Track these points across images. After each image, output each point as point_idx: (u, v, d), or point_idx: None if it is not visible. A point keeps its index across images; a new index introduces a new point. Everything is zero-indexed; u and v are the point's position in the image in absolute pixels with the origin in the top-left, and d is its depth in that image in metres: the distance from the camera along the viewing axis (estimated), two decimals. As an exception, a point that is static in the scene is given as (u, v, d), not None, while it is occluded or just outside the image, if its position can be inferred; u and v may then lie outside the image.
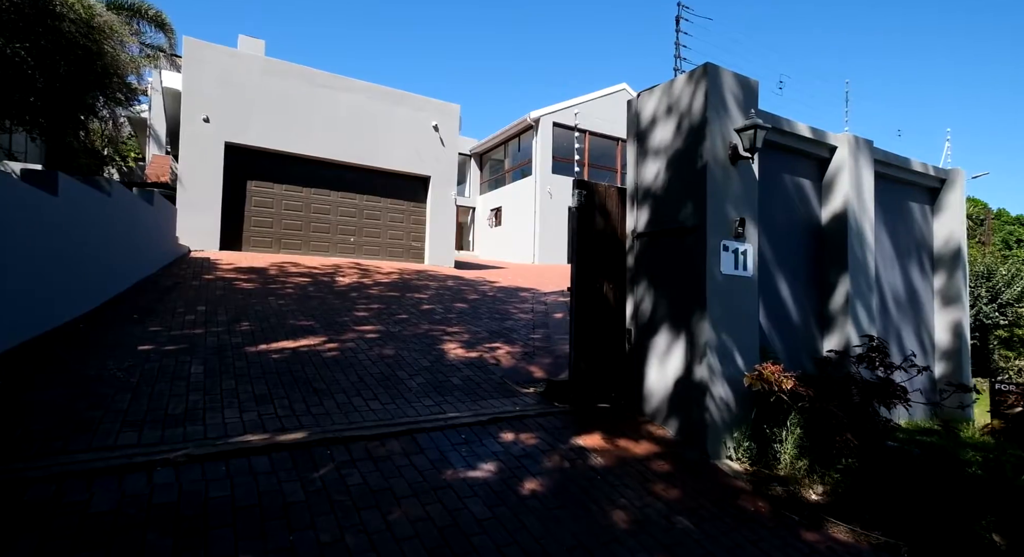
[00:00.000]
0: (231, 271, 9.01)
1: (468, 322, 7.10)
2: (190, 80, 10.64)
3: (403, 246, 13.63)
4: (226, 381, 4.09)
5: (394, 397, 4.16)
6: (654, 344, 4.14)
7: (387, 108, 13.13)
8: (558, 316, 7.95)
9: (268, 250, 11.74)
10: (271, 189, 11.85)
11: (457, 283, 10.71)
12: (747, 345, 3.92)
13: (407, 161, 13.38)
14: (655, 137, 4.27)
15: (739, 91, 3.97)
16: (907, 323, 5.97)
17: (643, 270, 4.32)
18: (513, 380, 4.93)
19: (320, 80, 12.25)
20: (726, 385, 3.75)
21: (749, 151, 3.78)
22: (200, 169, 10.68)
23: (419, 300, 8.35)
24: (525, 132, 21.27)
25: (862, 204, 5.15)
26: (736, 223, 3.89)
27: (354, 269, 10.92)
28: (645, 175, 4.36)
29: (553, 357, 5.70)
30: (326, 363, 4.79)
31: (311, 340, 5.48)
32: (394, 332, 6.17)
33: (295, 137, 11.87)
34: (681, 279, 3.94)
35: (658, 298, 4.13)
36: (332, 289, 8.49)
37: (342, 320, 6.50)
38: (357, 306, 7.42)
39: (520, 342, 6.24)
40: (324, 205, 12.53)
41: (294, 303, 7.17)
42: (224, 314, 6.18)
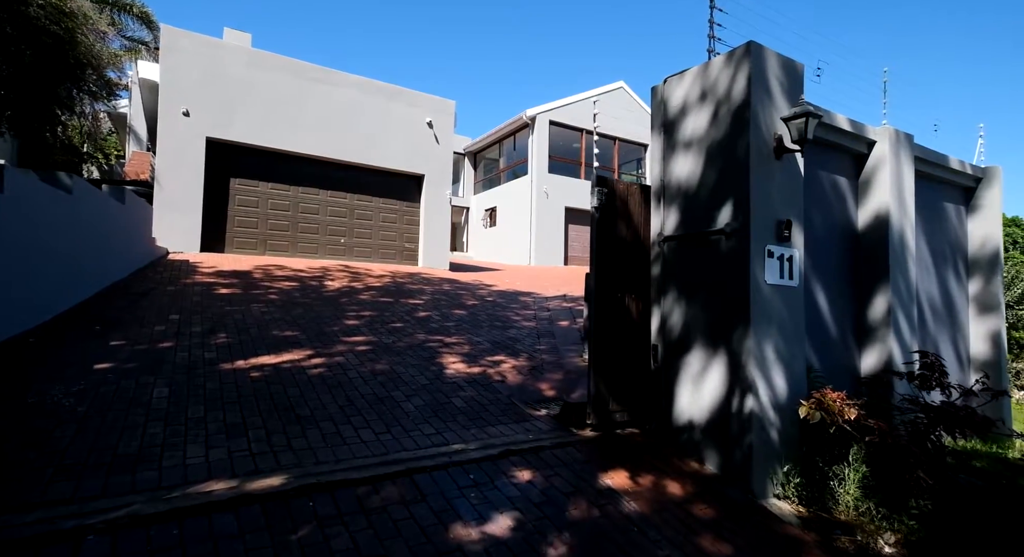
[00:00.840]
0: (211, 275, 8.40)
1: (468, 331, 6.57)
2: (168, 71, 10.00)
3: (396, 247, 13.06)
4: (193, 407, 3.53)
5: (389, 424, 3.62)
6: (686, 363, 3.64)
7: (380, 104, 12.55)
8: (563, 324, 7.44)
9: (253, 252, 11.12)
10: (256, 187, 11.24)
11: (453, 287, 10.17)
12: (795, 366, 3.43)
13: (400, 159, 12.81)
14: (686, 127, 3.77)
15: (783, 75, 3.48)
16: (943, 333, 5.53)
17: (672, 279, 3.81)
18: (522, 400, 4.41)
19: (309, 74, 11.65)
20: (773, 412, 3.26)
21: (797, 143, 3.29)
22: (179, 166, 10.04)
23: (414, 306, 7.81)
24: (521, 130, 20.76)
25: (903, 205, 4.69)
26: (783, 226, 3.40)
27: (344, 272, 10.34)
28: (674, 171, 3.86)
29: (563, 372, 5.19)
30: (311, 382, 4.24)
31: (295, 354, 4.92)
32: (388, 343, 5.63)
33: (282, 133, 11.26)
34: (718, 290, 3.45)
35: (690, 311, 3.63)
36: (320, 295, 7.91)
37: (330, 330, 5.94)
38: (347, 314, 6.86)
39: (526, 354, 5.72)
40: (313, 204, 11.94)
41: (278, 310, 6.60)
42: (200, 324, 5.60)
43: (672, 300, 3.79)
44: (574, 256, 20.86)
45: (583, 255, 21.09)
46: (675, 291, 3.78)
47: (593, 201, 3.88)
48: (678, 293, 3.75)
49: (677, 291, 3.76)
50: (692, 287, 3.65)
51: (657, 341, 3.91)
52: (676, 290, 3.77)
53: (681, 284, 3.74)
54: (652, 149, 4.06)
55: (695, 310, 3.60)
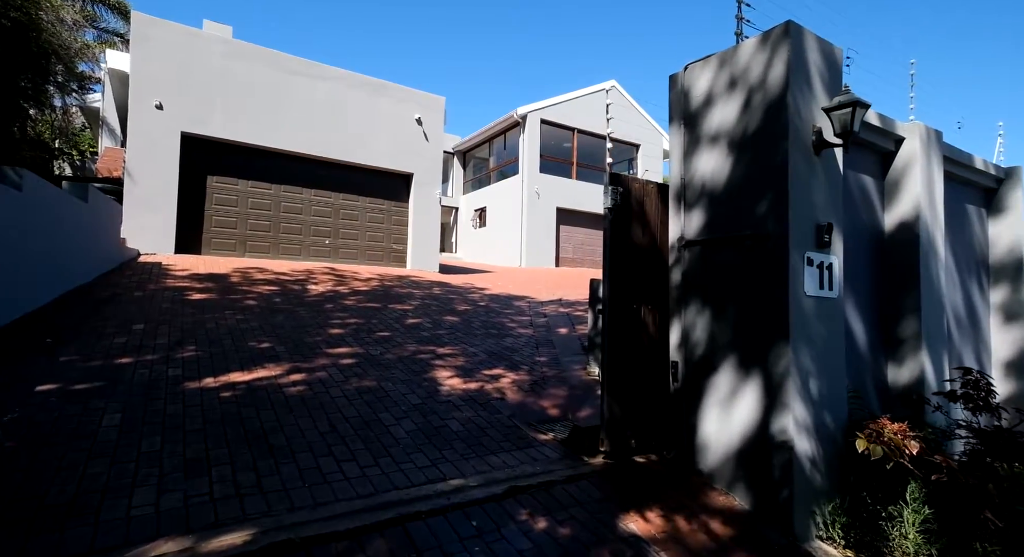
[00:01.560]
0: (184, 279, 7.84)
1: (461, 340, 6.13)
2: (139, 61, 9.39)
3: (383, 249, 12.55)
4: (149, 439, 3.04)
5: (377, 454, 3.17)
6: (712, 384, 3.25)
7: (366, 99, 12.04)
8: (562, 331, 7.04)
9: (231, 253, 10.54)
10: (235, 185, 10.65)
11: (444, 291, 9.71)
12: (837, 387, 3.06)
13: (388, 156, 12.31)
14: (711, 120, 3.38)
15: (822, 61, 3.11)
16: (967, 345, 5.23)
17: (695, 288, 3.42)
18: (524, 420, 3.99)
19: (291, 66, 11.10)
20: (816, 442, 2.87)
21: (840, 137, 2.92)
22: (152, 162, 9.43)
23: (403, 313, 7.34)
24: (511, 129, 20.35)
25: (934, 209, 4.36)
26: (823, 230, 3.02)
27: (328, 275, 9.82)
28: (698, 168, 3.47)
29: (567, 387, 4.78)
30: (289, 403, 3.77)
31: (272, 369, 4.44)
32: (375, 356, 5.16)
33: (263, 128, 10.70)
34: (750, 302, 3.06)
35: (717, 325, 3.24)
36: (302, 300, 7.41)
37: (312, 340, 5.46)
38: (331, 321, 6.37)
39: (525, 367, 5.30)
40: (295, 204, 11.38)
41: (256, 318, 6.09)
42: (166, 335, 5.08)
43: (695, 312, 3.40)
44: (565, 258, 20.50)
45: (574, 256, 20.75)
46: (698, 302, 3.38)
47: (606, 201, 3.47)
48: (702, 304, 3.35)
49: (701, 302, 3.36)
50: (719, 298, 3.25)
51: (677, 358, 3.51)
52: (700, 301, 3.37)
53: (705, 294, 3.34)
54: (671, 144, 3.66)
55: (722, 324, 3.21)
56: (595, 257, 21.37)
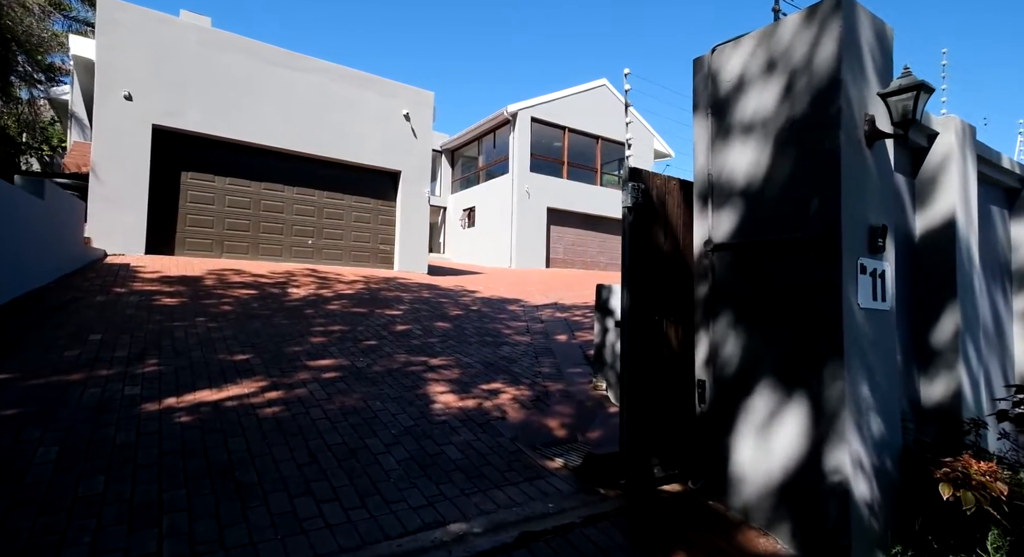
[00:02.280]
0: (154, 282, 7.27)
1: (455, 350, 5.68)
2: (106, 48, 8.76)
3: (369, 250, 12.03)
4: (90, 479, 2.56)
5: (364, 492, 2.73)
6: (747, 407, 2.86)
7: (352, 92, 11.51)
8: (560, 338, 6.63)
9: (208, 254, 9.95)
10: (212, 182, 10.06)
11: (434, 294, 9.25)
12: (892, 412, 2.70)
13: (374, 153, 11.79)
14: (745, 107, 3.00)
15: (874, 40, 2.75)
16: (993, 356, 4.94)
17: (725, 298, 3.03)
18: (529, 444, 3.57)
19: (272, 57, 10.53)
20: (873, 479, 2.50)
21: (900, 126, 2.55)
22: (120, 156, 8.81)
23: (391, 318, 6.87)
24: (502, 127, 19.93)
25: (968, 211, 4.05)
26: (877, 233, 2.66)
27: (311, 278, 9.29)
28: (728, 163, 3.08)
29: (574, 404, 4.37)
30: (263, 428, 3.30)
31: (246, 386, 3.95)
32: (361, 368, 4.70)
33: (242, 122, 10.12)
34: (794, 314, 2.68)
35: (752, 341, 2.86)
36: (282, 305, 6.89)
37: (292, 351, 4.97)
38: (313, 329, 5.88)
39: (526, 380, 4.88)
40: (277, 202, 10.82)
41: (230, 326, 5.58)
42: (127, 346, 4.56)
43: (725, 325, 3.01)
44: (556, 258, 20.15)
45: (565, 257, 20.41)
46: (729, 314, 2.99)
47: (626, 200, 3.07)
48: (734, 317, 2.96)
49: (733, 314, 2.98)
50: (754, 310, 2.87)
51: (704, 376, 3.12)
52: (731, 313, 2.98)
53: (738, 305, 2.95)
54: (696, 136, 3.27)
55: (759, 339, 2.82)
56: (585, 258, 21.05)
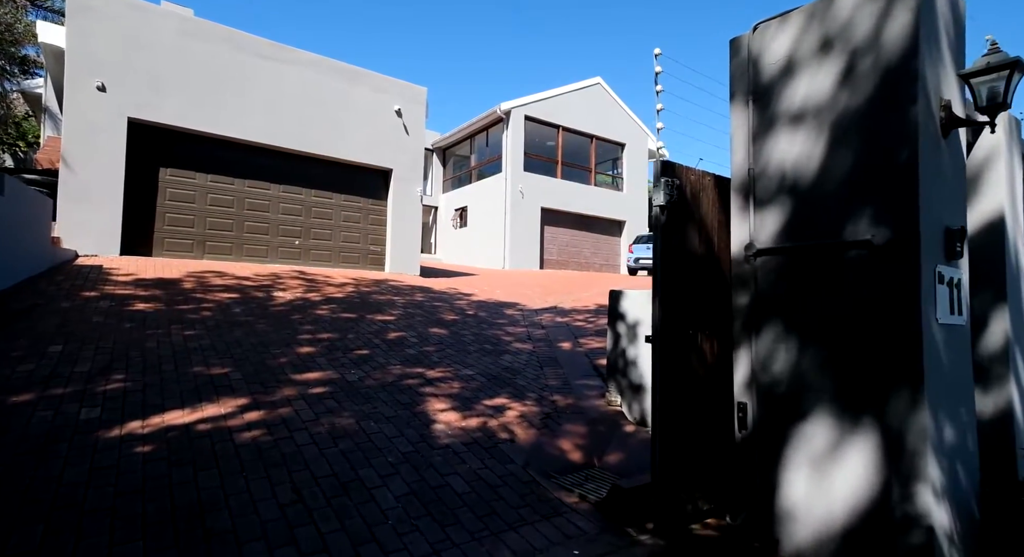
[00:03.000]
0: (128, 285, 6.77)
1: (454, 359, 5.28)
2: (77, 35, 8.21)
3: (359, 251, 11.57)
4: (23, 529, 2.12)
5: (358, 539, 2.32)
6: (799, 434, 2.50)
7: (341, 87, 11.05)
8: (564, 346, 6.26)
9: (188, 255, 9.42)
10: (192, 179, 9.53)
11: (427, 298, 8.83)
12: (969, 443, 2.35)
13: (365, 150, 11.34)
14: (794, 92, 2.64)
15: (949, 14, 2.41)
16: None
17: (771, 310, 2.67)
18: (543, 471, 3.18)
19: (257, 48, 10.03)
20: (956, 519, 2.16)
21: (987, 112, 2.21)
22: (93, 150, 8.27)
23: (384, 324, 6.44)
24: (494, 126, 19.54)
25: (1015, 209, 3.74)
26: (955, 236, 2.31)
27: (298, 280, 8.82)
28: (774, 156, 2.72)
29: (587, 422, 3.99)
30: (240, 458, 2.87)
31: (222, 405, 3.52)
32: (352, 382, 4.28)
33: (225, 116, 9.61)
34: (859, 329, 2.32)
35: (806, 359, 2.50)
36: (267, 310, 6.43)
37: (276, 363, 4.54)
38: (299, 337, 5.44)
39: (532, 394, 4.49)
40: (262, 200, 10.31)
41: (209, 334, 5.12)
42: (90, 359, 4.09)
43: (771, 341, 2.65)
44: (550, 259, 19.81)
45: (559, 258, 20.08)
46: (776, 328, 2.63)
47: (659, 198, 2.70)
48: (782, 331, 2.60)
49: (780, 328, 2.62)
50: (808, 324, 2.51)
51: (745, 398, 2.75)
52: (779, 327, 2.62)
53: (788, 318, 2.59)
54: (733, 126, 2.91)
55: (815, 358, 2.47)
56: (580, 259, 20.75)
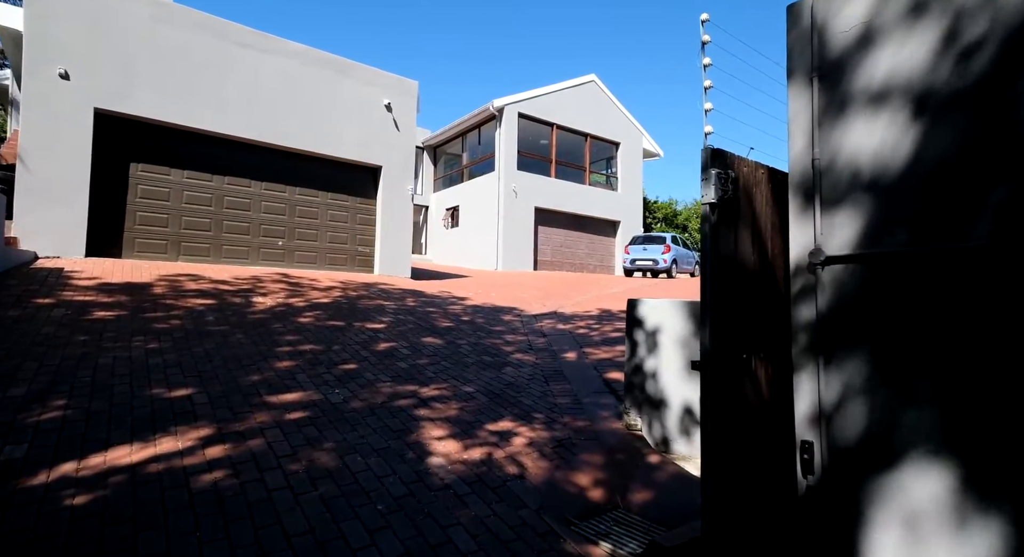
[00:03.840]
0: (89, 290, 6.16)
1: (450, 374, 4.77)
2: (37, 18, 7.55)
3: (347, 252, 11.00)
4: None
5: (338, 627, 1.81)
6: (889, 485, 2.04)
7: (328, 79, 10.47)
8: (569, 356, 5.77)
9: (162, 257, 8.80)
10: (167, 176, 8.91)
11: (419, 302, 8.30)
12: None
13: (353, 146, 10.77)
14: (874, 66, 2.17)
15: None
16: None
17: (845, 329, 2.20)
18: (561, 517, 2.69)
19: (237, 36, 9.43)
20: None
21: None
22: (55, 143, 7.63)
23: (373, 334, 5.91)
24: (487, 123, 19.03)
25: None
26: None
27: (281, 283, 8.25)
28: (848, 144, 2.25)
29: (604, 450, 3.50)
30: (195, 511, 2.35)
31: (180, 438, 2.98)
32: (337, 404, 3.76)
33: (202, 108, 9.00)
34: (983, 361, 1.86)
35: (901, 394, 2.03)
36: (244, 318, 5.87)
37: (250, 381, 4.00)
38: (279, 349, 4.89)
39: (540, 414, 4.00)
40: (242, 199, 9.71)
41: (175, 348, 4.56)
42: (28, 380, 3.52)
43: (848, 366, 2.18)
44: (544, 260, 19.36)
45: (553, 259, 19.64)
46: (856, 351, 2.17)
47: (709, 193, 2.22)
48: (865, 355, 2.14)
49: (862, 351, 2.15)
50: (904, 346, 2.04)
51: (812, 436, 2.28)
52: (859, 349, 2.16)
53: (872, 339, 2.13)
54: (792, 111, 2.44)
55: (913, 393, 2.00)
56: (574, 260, 20.32)
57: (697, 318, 3.71)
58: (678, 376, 3.79)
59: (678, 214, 28.86)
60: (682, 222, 28.33)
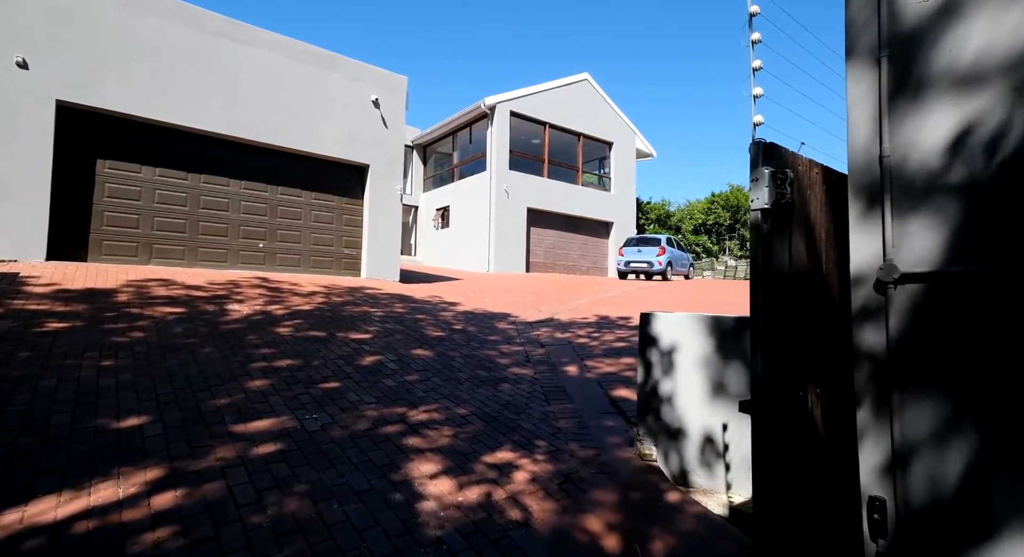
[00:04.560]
0: (45, 298, 5.63)
1: (442, 392, 4.34)
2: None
3: (332, 254, 10.50)
4: None
5: None
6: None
7: (312, 72, 9.97)
8: (570, 371, 5.37)
9: (132, 260, 8.25)
10: (137, 173, 8.35)
11: (408, 309, 7.85)
12: None
13: (338, 144, 10.28)
14: (963, 42, 1.79)
15: None
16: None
17: (931, 361, 1.81)
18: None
19: (214, 26, 8.90)
20: None
21: None
22: (10, 136, 7.06)
23: (358, 345, 5.45)
24: (478, 121, 18.60)
25: None
26: None
27: (260, 289, 7.75)
28: (928, 136, 1.87)
29: (618, 486, 3.09)
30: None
31: (123, 483, 2.52)
32: (313, 433, 3.31)
33: (176, 102, 8.46)
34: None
35: (1000, 443, 1.64)
36: (216, 328, 5.39)
37: (215, 405, 3.53)
38: (252, 365, 4.43)
39: (542, 440, 3.58)
40: (220, 198, 9.18)
41: (134, 366, 4.07)
42: (-49, 410, 3.02)
43: (933, 409, 1.79)
44: (536, 262, 18.97)
45: (545, 261, 19.26)
46: (943, 390, 1.78)
47: (761, 197, 1.82)
48: (957, 396, 1.75)
49: (954, 391, 1.76)
50: (999, 388, 1.66)
51: (882, 491, 1.89)
52: (947, 388, 1.77)
53: (961, 375, 1.74)
54: (853, 97, 2.05)
55: (1014, 443, 1.61)
56: (567, 262, 19.96)
57: (719, 335, 3.32)
58: (698, 401, 3.40)
59: (671, 215, 28.65)
60: (675, 223, 28.13)
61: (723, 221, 27.84)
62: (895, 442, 1.86)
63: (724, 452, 3.29)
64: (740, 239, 27.31)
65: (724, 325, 3.30)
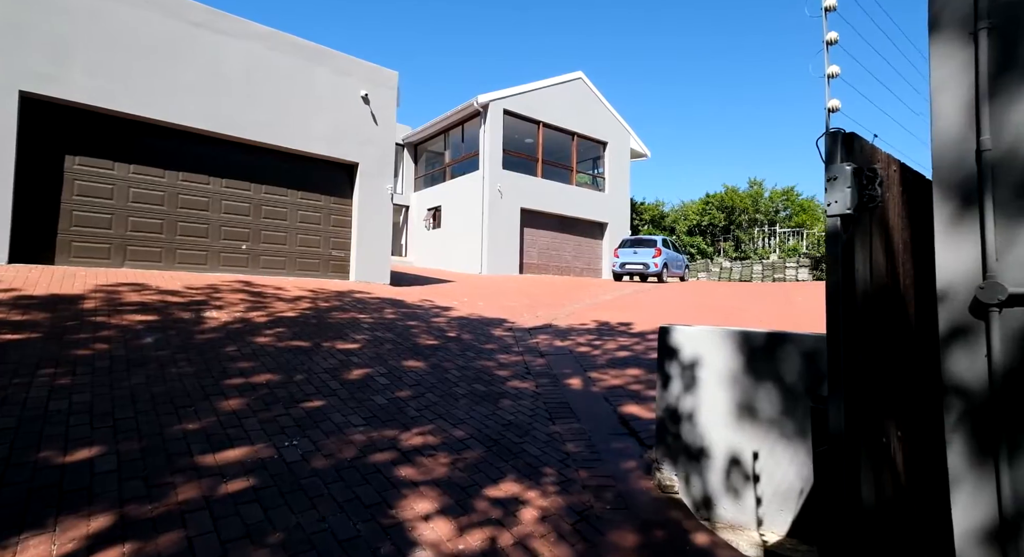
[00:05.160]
0: (1, 305, 5.16)
1: (437, 411, 3.96)
2: (-50, -17, 6.48)
3: (320, 256, 10.06)
4: None
5: None
6: None
7: (299, 66, 9.52)
8: (574, 383, 5.01)
9: (104, 263, 7.75)
10: (110, 170, 7.86)
11: (399, 314, 7.45)
12: None
13: (326, 141, 9.84)
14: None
15: None
16: None
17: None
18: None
19: (193, 15, 8.42)
20: None
21: None
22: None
23: (345, 357, 5.05)
24: (471, 120, 18.20)
25: None
26: None
27: (241, 294, 7.30)
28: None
29: (636, 525, 2.73)
30: None
31: (57, 539, 2.11)
32: (293, 464, 2.91)
33: (152, 95, 7.98)
34: None
35: None
36: (190, 339, 4.95)
37: (181, 431, 3.12)
38: (227, 382, 4.01)
39: (550, 468, 3.21)
40: (200, 197, 8.70)
41: (93, 383, 3.64)
42: None
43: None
44: (530, 263, 18.62)
45: (539, 262, 18.91)
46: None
47: (841, 200, 1.47)
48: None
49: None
50: None
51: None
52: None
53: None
54: (938, 81, 1.70)
55: None
56: (560, 263, 19.63)
57: (748, 352, 2.98)
58: (722, 421, 3.05)
59: (665, 216, 28.45)
60: (670, 224, 27.93)
61: (718, 222, 27.68)
62: (1003, 498, 1.51)
63: (755, 483, 2.94)
64: (735, 240, 27.16)
65: (754, 341, 2.96)
